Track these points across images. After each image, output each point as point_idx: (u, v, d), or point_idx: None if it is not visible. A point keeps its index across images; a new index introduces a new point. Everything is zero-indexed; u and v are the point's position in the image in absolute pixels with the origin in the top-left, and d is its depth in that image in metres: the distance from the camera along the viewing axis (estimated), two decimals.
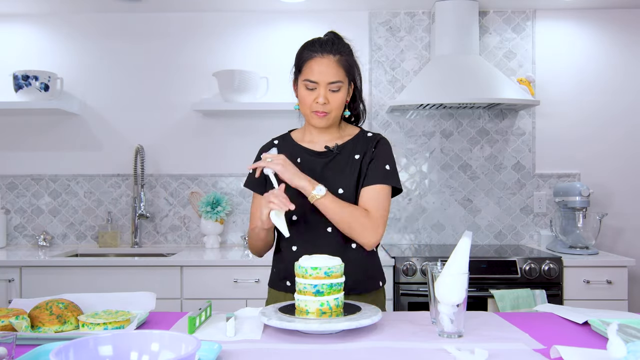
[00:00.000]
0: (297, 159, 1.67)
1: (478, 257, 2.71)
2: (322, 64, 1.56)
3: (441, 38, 3.08)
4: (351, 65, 1.62)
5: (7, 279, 2.67)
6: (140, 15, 3.31)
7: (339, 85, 1.58)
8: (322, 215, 1.58)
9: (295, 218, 1.62)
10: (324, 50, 1.57)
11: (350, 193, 1.61)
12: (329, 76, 1.56)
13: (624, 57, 3.29)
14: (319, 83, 1.57)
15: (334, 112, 1.60)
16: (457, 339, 1.25)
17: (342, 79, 1.58)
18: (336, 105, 1.59)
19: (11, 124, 3.31)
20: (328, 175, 1.63)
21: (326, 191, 1.53)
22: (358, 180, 1.63)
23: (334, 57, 1.57)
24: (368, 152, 1.65)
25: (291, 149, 1.70)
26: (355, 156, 1.65)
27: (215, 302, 2.64)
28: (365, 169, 1.63)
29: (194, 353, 0.88)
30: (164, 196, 3.30)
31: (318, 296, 1.33)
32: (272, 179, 1.55)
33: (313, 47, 1.59)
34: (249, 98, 3.11)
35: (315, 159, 1.66)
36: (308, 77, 1.58)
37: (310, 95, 1.59)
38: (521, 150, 3.27)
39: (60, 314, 1.32)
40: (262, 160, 1.55)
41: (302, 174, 1.54)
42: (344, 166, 1.64)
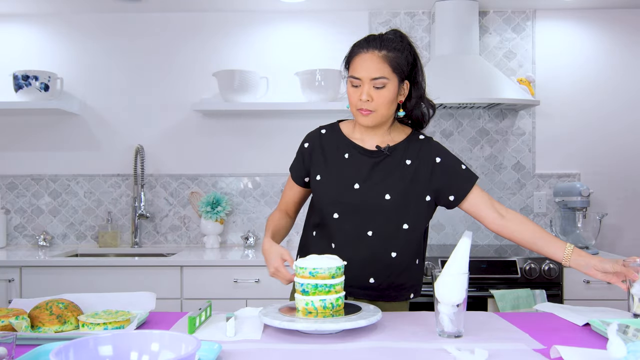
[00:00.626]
0: (344, 154, 1.62)
1: (478, 257, 2.71)
2: (365, 60, 1.51)
3: (441, 38, 3.08)
4: (401, 62, 1.52)
5: (7, 279, 2.67)
6: (140, 15, 3.31)
7: (384, 82, 1.50)
8: (364, 217, 1.55)
9: (336, 216, 1.58)
10: (369, 46, 1.52)
11: (397, 199, 1.55)
12: (371, 72, 1.50)
13: (624, 57, 3.29)
14: (362, 79, 1.51)
15: (379, 110, 1.52)
16: (457, 339, 1.25)
17: (388, 75, 1.50)
18: (381, 103, 1.51)
19: (11, 124, 3.31)
20: (376, 177, 1.58)
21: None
22: (409, 188, 1.57)
23: (378, 52, 1.50)
24: (425, 163, 1.59)
25: (339, 142, 1.64)
26: (407, 161, 1.59)
27: (215, 302, 2.64)
28: (421, 179, 1.58)
29: (194, 353, 0.88)
30: (164, 196, 3.30)
31: (304, 295, 1.34)
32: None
33: (360, 43, 1.55)
34: (249, 98, 3.11)
35: (363, 158, 1.60)
36: (352, 74, 1.53)
37: (355, 93, 1.53)
38: (521, 150, 3.27)
39: (60, 314, 1.32)
40: None
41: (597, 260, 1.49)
42: (394, 170, 1.58)
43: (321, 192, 1.61)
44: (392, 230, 1.56)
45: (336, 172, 1.61)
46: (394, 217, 1.56)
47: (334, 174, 1.61)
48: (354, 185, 1.58)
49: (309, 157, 1.66)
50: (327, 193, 1.60)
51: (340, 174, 1.60)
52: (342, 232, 1.58)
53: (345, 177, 1.59)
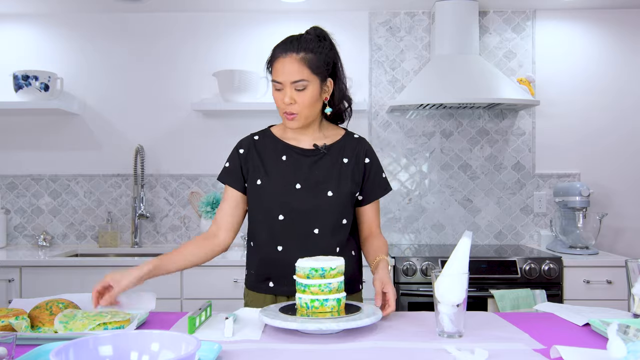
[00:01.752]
0: (282, 156, 1.64)
1: (478, 257, 2.71)
2: (285, 64, 1.53)
3: (441, 38, 3.08)
4: (319, 63, 1.54)
5: (7, 279, 2.67)
6: (140, 15, 3.31)
7: (304, 84, 1.52)
8: (310, 215, 1.58)
9: (282, 217, 1.59)
10: (287, 49, 1.53)
11: (339, 196, 1.60)
12: (291, 75, 1.52)
13: (624, 57, 3.29)
14: (283, 83, 1.54)
15: (303, 111, 1.55)
16: (457, 339, 1.25)
17: (307, 77, 1.52)
18: (304, 105, 1.54)
19: (11, 124, 3.31)
20: (317, 176, 1.61)
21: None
22: (348, 185, 1.62)
23: (297, 55, 1.52)
24: (359, 160, 1.65)
25: (274, 145, 1.66)
26: (344, 160, 1.64)
27: (215, 302, 2.65)
28: (356, 178, 1.64)
29: (194, 353, 0.88)
30: (164, 196, 3.30)
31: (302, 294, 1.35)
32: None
33: (279, 47, 1.56)
34: (249, 98, 3.11)
35: (301, 158, 1.63)
36: (274, 78, 1.56)
37: (279, 96, 1.56)
38: (521, 150, 3.27)
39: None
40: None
41: (385, 276, 1.50)
42: (332, 168, 1.63)
43: (264, 195, 1.61)
44: (335, 225, 1.61)
45: (276, 175, 1.62)
46: (336, 213, 1.61)
47: (274, 176, 1.62)
48: (296, 185, 1.60)
49: (245, 162, 1.67)
50: (271, 196, 1.61)
51: (281, 176, 1.62)
52: (289, 232, 1.60)
53: (286, 178, 1.61)
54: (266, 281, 1.64)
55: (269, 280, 1.64)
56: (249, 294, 1.71)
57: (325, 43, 1.58)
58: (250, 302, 1.69)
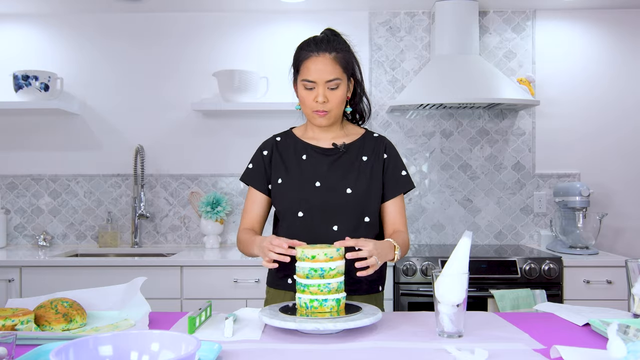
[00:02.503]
0: (302, 155, 1.67)
1: (478, 257, 2.71)
2: (318, 63, 1.57)
3: (441, 38, 3.08)
4: (348, 61, 1.61)
5: (7, 279, 2.67)
6: (140, 15, 3.31)
7: (337, 83, 1.58)
8: (329, 212, 1.60)
9: (301, 214, 1.61)
10: (319, 48, 1.58)
11: (358, 194, 1.62)
12: (326, 74, 1.56)
13: (624, 57, 3.29)
14: (316, 82, 1.57)
15: (334, 110, 1.61)
16: (457, 339, 1.25)
17: (340, 75, 1.58)
18: (336, 103, 1.60)
19: (11, 124, 3.31)
20: (335, 174, 1.64)
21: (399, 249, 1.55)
22: (368, 183, 1.64)
23: (329, 54, 1.57)
24: (378, 157, 1.68)
25: (295, 145, 1.70)
26: (363, 157, 1.67)
27: (215, 302, 2.64)
28: (377, 175, 1.65)
29: (194, 353, 0.88)
30: (164, 196, 3.30)
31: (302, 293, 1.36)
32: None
33: (309, 46, 1.60)
34: (249, 98, 3.11)
35: (321, 157, 1.67)
36: (306, 77, 1.58)
37: (309, 95, 1.59)
38: (521, 150, 3.27)
39: (66, 312, 1.34)
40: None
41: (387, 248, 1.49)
42: (351, 166, 1.65)
43: (284, 193, 1.65)
44: (356, 223, 1.62)
45: (296, 173, 1.66)
46: (356, 211, 1.62)
47: (294, 175, 1.66)
48: (316, 183, 1.63)
49: (269, 163, 1.70)
50: (290, 193, 1.64)
51: (301, 174, 1.65)
52: (308, 229, 1.61)
53: (305, 176, 1.64)
54: (285, 278, 1.66)
55: (288, 277, 1.65)
56: (269, 291, 1.73)
57: (347, 43, 1.64)
58: (270, 299, 1.71)
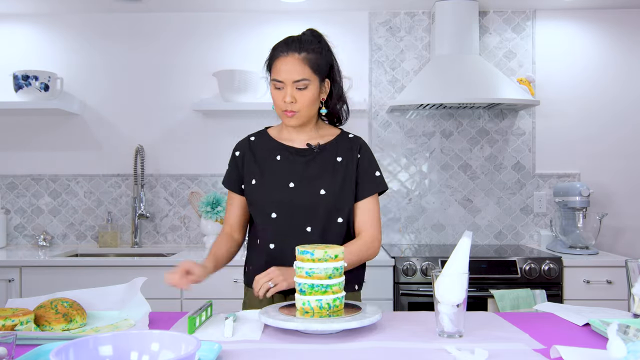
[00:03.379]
0: (276, 156, 1.67)
1: (478, 257, 2.71)
2: (287, 63, 1.56)
3: (441, 38, 3.08)
4: (320, 63, 1.58)
5: (7, 279, 2.67)
6: (140, 15, 3.31)
7: (306, 84, 1.56)
8: (302, 213, 1.60)
9: (274, 215, 1.61)
10: (289, 48, 1.57)
11: (332, 195, 1.61)
12: (293, 74, 1.55)
13: (624, 57, 3.29)
14: (284, 82, 1.56)
15: (303, 110, 1.59)
16: (457, 339, 1.25)
17: (309, 76, 1.56)
18: (305, 104, 1.57)
19: (11, 124, 3.31)
20: (309, 175, 1.63)
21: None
22: (342, 184, 1.63)
23: (298, 55, 1.56)
24: (352, 158, 1.66)
25: (269, 145, 1.69)
26: (338, 158, 1.66)
27: (215, 302, 2.64)
28: (351, 175, 1.64)
29: (194, 353, 0.88)
30: (164, 196, 3.30)
31: (301, 295, 1.34)
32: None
33: (279, 46, 1.59)
34: (249, 98, 3.11)
35: (295, 157, 1.66)
36: (275, 77, 1.58)
37: (279, 95, 1.58)
38: (521, 150, 3.27)
39: (66, 313, 1.34)
40: (262, 285, 1.46)
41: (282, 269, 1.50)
42: (326, 167, 1.65)
43: (258, 194, 1.65)
44: (329, 224, 1.62)
45: (270, 174, 1.65)
46: (330, 212, 1.62)
47: (268, 175, 1.65)
48: (289, 184, 1.63)
49: (241, 164, 1.70)
50: (263, 194, 1.64)
51: (274, 175, 1.65)
52: (281, 230, 1.62)
53: (279, 177, 1.64)
54: None
55: None
56: (247, 292, 1.74)
57: (323, 44, 1.62)
58: (248, 301, 1.71)
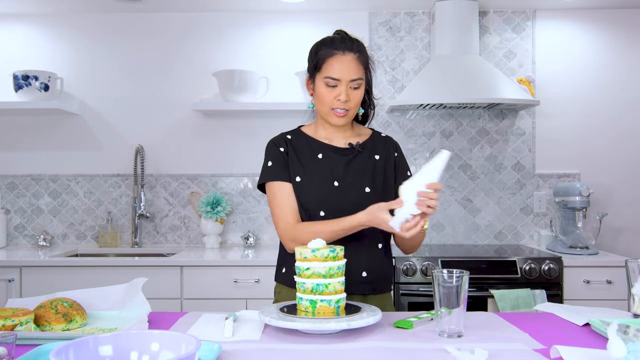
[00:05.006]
0: (317, 154, 1.65)
1: (478, 257, 2.71)
2: (344, 62, 1.55)
3: (441, 38, 3.08)
4: (368, 63, 1.62)
5: (7, 279, 2.67)
6: (140, 15, 3.31)
7: (360, 83, 1.58)
8: (349, 212, 1.52)
9: (323, 214, 1.59)
10: (345, 47, 1.57)
11: (377, 192, 1.61)
12: (351, 73, 1.56)
13: (624, 57, 3.29)
14: (341, 80, 1.55)
15: (353, 109, 1.60)
16: (456, 339, 1.25)
17: (362, 76, 1.58)
18: (356, 103, 1.59)
19: (11, 124, 3.31)
20: (352, 174, 1.63)
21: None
22: (385, 181, 1.65)
23: (354, 54, 1.57)
24: (390, 156, 1.69)
25: (308, 145, 1.67)
26: (376, 156, 1.67)
27: (215, 302, 2.66)
28: (391, 173, 1.67)
29: (194, 353, 0.88)
30: (164, 196, 3.30)
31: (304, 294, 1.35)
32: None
33: (333, 44, 1.58)
34: (249, 98, 3.11)
35: (337, 156, 1.65)
36: (329, 75, 1.56)
37: (330, 93, 1.57)
38: (521, 150, 3.27)
39: (66, 313, 1.34)
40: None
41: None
42: (366, 165, 1.65)
43: (305, 193, 1.61)
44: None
45: (314, 173, 1.63)
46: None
47: (312, 174, 1.63)
48: (334, 182, 1.62)
49: (287, 158, 1.65)
50: (310, 193, 1.61)
51: (318, 173, 1.63)
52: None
53: (323, 176, 1.63)
54: None
55: None
56: (281, 291, 1.67)
57: (363, 44, 1.64)
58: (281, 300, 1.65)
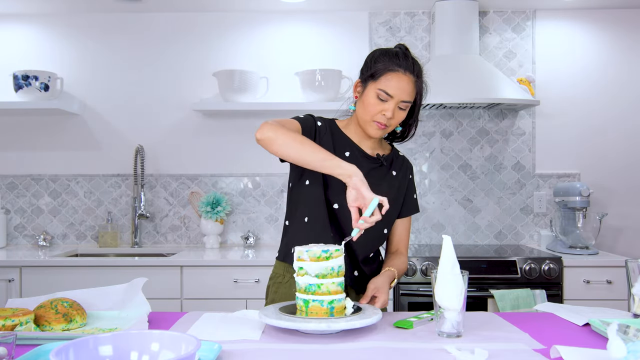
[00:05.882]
0: (345, 151, 1.64)
1: (478, 257, 2.71)
2: (402, 81, 1.54)
3: (441, 38, 3.08)
4: (421, 89, 1.61)
5: (7, 279, 2.67)
6: (140, 15, 3.31)
7: (408, 105, 1.57)
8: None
9: (336, 206, 1.60)
10: (407, 67, 1.55)
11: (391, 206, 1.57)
12: (405, 95, 1.55)
13: (624, 57, 3.29)
14: (393, 97, 1.54)
15: (391, 127, 1.60)
16: (455, 339, 1.25)
17: (412, 99, 1.58)
18: (397, 122, 1.60)
19: (11, 124, 3.31)
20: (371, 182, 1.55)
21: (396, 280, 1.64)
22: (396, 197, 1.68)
23: (413, 76, 1.55)
24: (404, 176, 1.73)
25: (341, 138, 1.66)
26: (393, 172, 1.70)
27: (215, 302, 2.66)
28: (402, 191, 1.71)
29: (194, 353, 0.88)
30: (164, 196, 3.30)
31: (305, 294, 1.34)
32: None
33: (397, 60, 1.55)
34: (249, 98, 3.11)
35: (363, 160, 1.65)
36: (385, 89, 1.54)
37: (378, 105, 1.55)
38: (521, 150, 3.27)
39: (66, 313, 1.34)
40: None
41: (388, 284, 1.58)
42: (384, 177, 1.68)
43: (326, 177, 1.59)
44: (377, 233, 1.66)
45: None
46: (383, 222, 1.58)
47: None
48: None
49: (319, 135, 1.63)
50: (333, 181, 1.57)
51: None
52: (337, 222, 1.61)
53: None
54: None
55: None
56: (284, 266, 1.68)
57: (422, 68, 1.61)
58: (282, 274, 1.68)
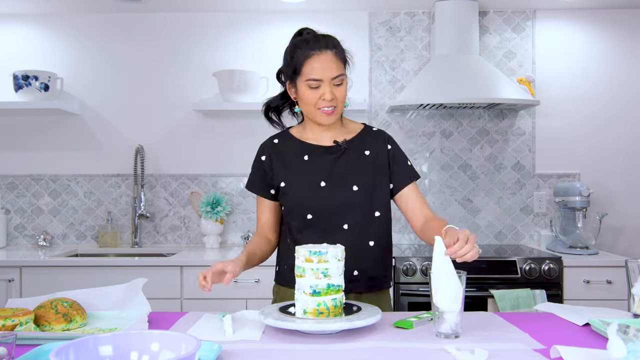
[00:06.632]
0: (303, 156, 1.64)
1: (478, 257, 2.70)
2: (323, 61, 1.53)
3: (441, 38, 3.07)
4: (345, 57, 1.60)
5: (7, 279, 2.67)
6: (140, 15, 3.31)
7: (342, 79, 1.56)
8: (337, 211, 1.57)
9: (310, 217, 1.59)
10: (320, 46, 1.54)
11: (365, 189, 1.59)
12: (332, 71, 1.53)
13: (624, 57, 3.29)
14: (322, 80, 1.53)
15: (339, 106, 1.57)
16: (453, 339, 1.25)
17: (343, 71, 1.56)
18: (341, 99, 1.56)
19: (11, 124, 3.31)
20: (339, 172, 1.61)
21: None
22: (374, 177, 1.62)
23: (331, 51, 1.54)
24: (382, 150, 1.65)
25: (295, 147, 1.66)
26: (366, 152, 1.64)
27: (215, 302, 2.66)
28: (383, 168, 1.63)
29: (194, 353, 0.88)
30: (164, 196, 3.30)
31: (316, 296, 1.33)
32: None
33: (308, 44, 1.55)
34: (249, 98, 3.11)
35: (323, 155, 1.63)
36: (311, 77, 1.53)
37: (314, 94, 1.54)
38: (521, 150, 3.27)
39: (66, 313, 1.34)
40: None
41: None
42: (355, 162, 1.63)
43: (289, 197, 1.62)
44: (366, 219, 1.60)
45: (299, 175, 1.62)
46: (365, 207, 1.60)
47: (298, 177, 1.62)
48: (320, 183, 1.60)
49: (269, 168, 1.66)
50: (295, 196, 1.61)
51: (304, 175, 1.62)
52: (318, 230, 1.59)
53: (309, 177, 1.61)
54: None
55: None
56: (279, 291, 1.70)
57: (337, 39, 1.62)
58: (280, 300, 1.67)
